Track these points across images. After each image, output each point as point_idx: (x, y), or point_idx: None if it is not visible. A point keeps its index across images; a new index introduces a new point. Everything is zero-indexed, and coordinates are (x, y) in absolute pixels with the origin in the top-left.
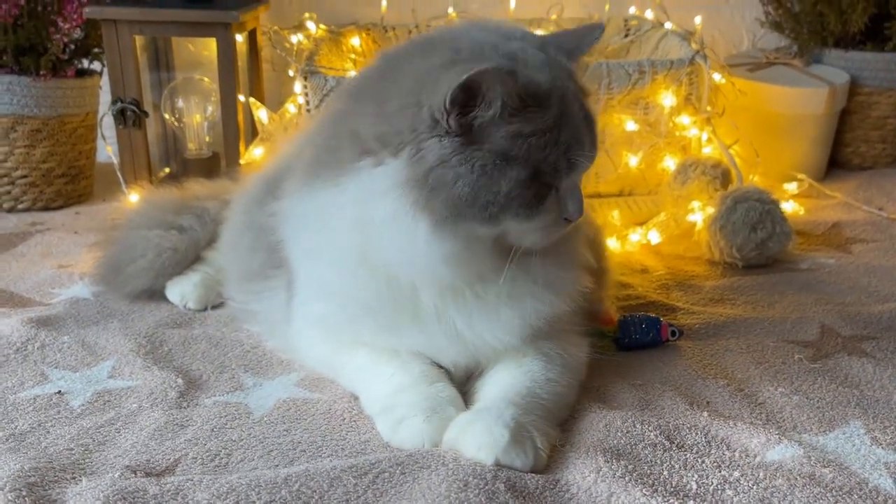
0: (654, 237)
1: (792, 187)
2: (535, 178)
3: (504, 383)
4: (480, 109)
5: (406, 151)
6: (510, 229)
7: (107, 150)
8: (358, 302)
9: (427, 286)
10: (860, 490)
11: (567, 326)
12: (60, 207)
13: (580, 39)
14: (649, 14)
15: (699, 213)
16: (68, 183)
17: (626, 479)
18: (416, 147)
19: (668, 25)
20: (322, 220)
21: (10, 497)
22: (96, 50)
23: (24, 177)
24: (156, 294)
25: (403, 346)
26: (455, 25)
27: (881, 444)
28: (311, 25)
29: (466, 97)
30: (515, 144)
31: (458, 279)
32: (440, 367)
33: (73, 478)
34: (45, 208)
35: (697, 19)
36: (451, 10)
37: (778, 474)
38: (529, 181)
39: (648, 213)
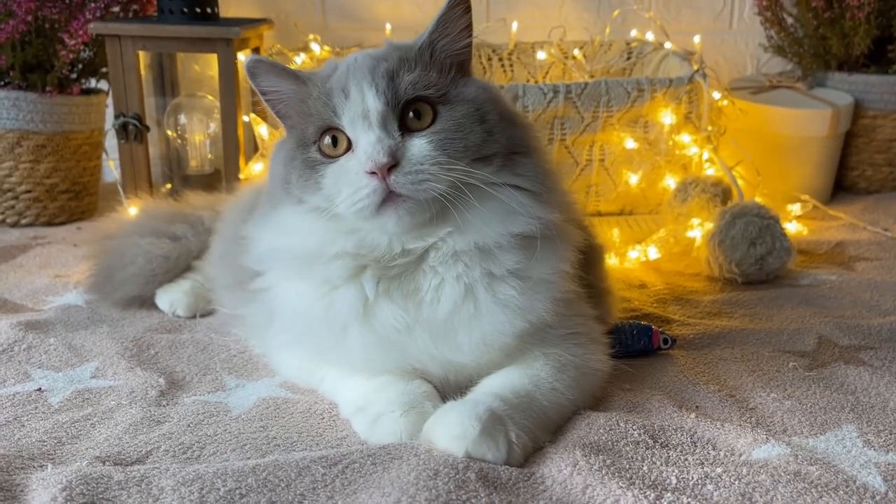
0: (653, 253)
1: (796, 208)
2: None
3: (501, 380)
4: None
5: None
6: None
7: (109, 164)
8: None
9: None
10: (847, 487)
11: (583, 330)
12: (64, 223)
13: None
14: (650, 36)
15: (698, 230)
16: (72, 199)
17: (603, 472)
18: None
19: (668, 45)
20: None
21: None
22: (104, 70)
23: (29, 192)
24: (147, 302)
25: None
26: None
27: (873, 447)
28: (315, 47)
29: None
30: None
31: None
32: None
33: (41, 466)
34: (49, 223)
35: (696, 38)
36: None
37: (762, 471)
38: None
39: (649, 233)
